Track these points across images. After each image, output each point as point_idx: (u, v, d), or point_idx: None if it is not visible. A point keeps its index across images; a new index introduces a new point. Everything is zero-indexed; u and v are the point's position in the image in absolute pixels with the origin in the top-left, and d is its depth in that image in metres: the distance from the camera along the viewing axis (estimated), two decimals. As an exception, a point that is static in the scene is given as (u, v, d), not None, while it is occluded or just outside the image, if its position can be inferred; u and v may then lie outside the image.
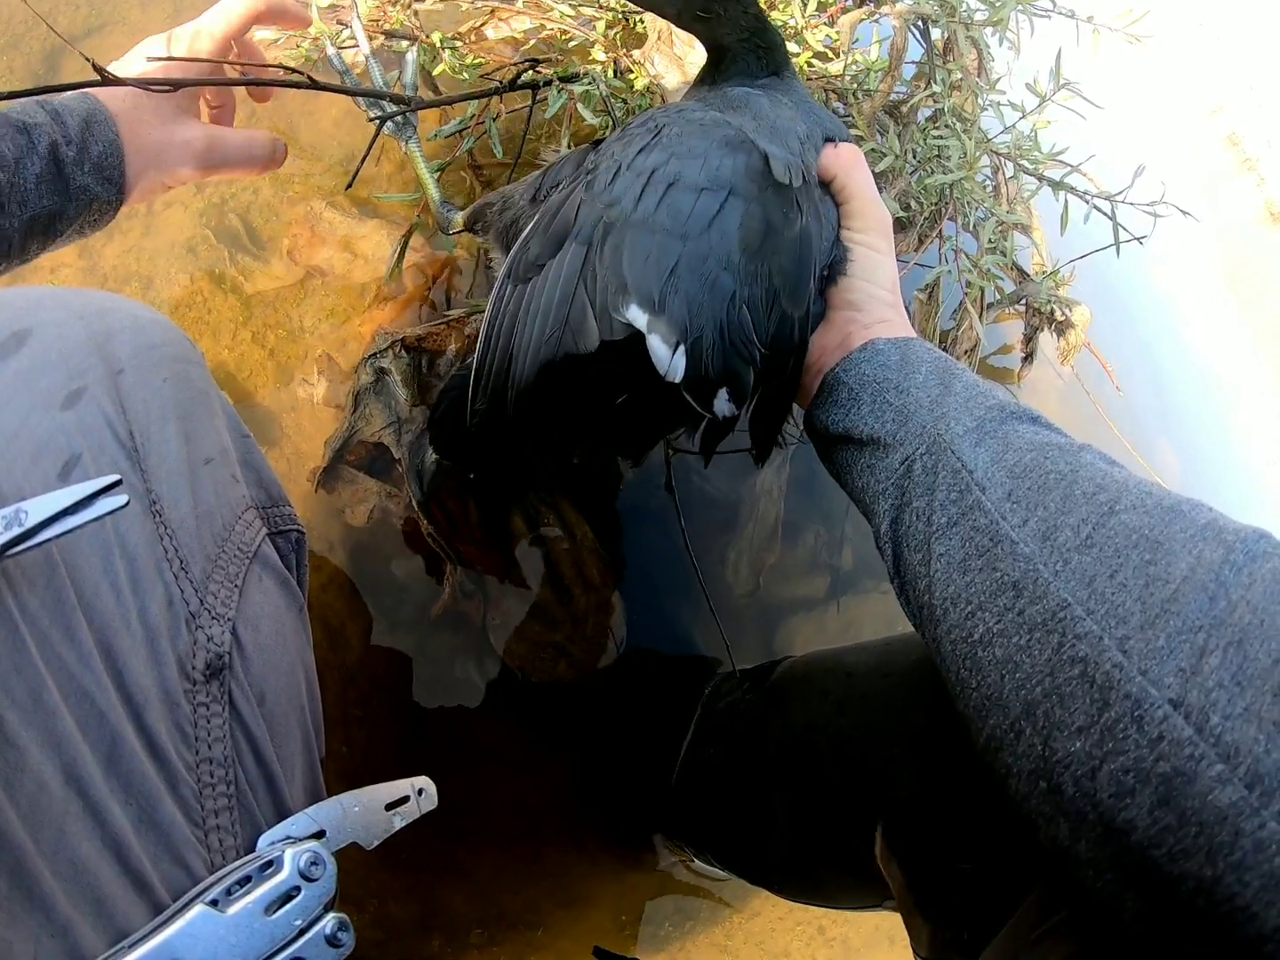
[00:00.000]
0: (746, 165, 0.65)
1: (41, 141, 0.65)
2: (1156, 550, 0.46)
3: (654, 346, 0.61)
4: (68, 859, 0.39)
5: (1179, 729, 0.40)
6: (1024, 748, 0.47)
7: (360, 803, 0.50)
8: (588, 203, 0.66)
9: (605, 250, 0.63)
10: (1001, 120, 1.36)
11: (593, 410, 0.67)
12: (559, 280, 0.65)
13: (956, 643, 0.53)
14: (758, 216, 0.64)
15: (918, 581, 0.58)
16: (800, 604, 1.38)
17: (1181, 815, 0.39)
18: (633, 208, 0.63)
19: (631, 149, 0.67)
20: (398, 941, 1.03)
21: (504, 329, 0.68)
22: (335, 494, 1.09)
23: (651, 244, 0.62)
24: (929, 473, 0.59)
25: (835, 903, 0.91)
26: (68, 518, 0.40)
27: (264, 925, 0.42)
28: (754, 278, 0.64)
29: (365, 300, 1.17)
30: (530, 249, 0.69)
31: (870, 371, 0.66)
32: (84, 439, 0.48)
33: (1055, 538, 0.50)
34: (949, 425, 0.60)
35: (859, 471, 0.65)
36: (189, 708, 0.45)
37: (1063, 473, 0.53)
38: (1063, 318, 1.54)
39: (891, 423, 0.63)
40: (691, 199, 0.63)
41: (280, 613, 0.54)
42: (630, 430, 0.72)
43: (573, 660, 1.14)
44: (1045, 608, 0.48)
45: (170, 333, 0.59)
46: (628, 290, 0.61)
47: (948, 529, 0.56)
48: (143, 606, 0.45)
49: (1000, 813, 0.63)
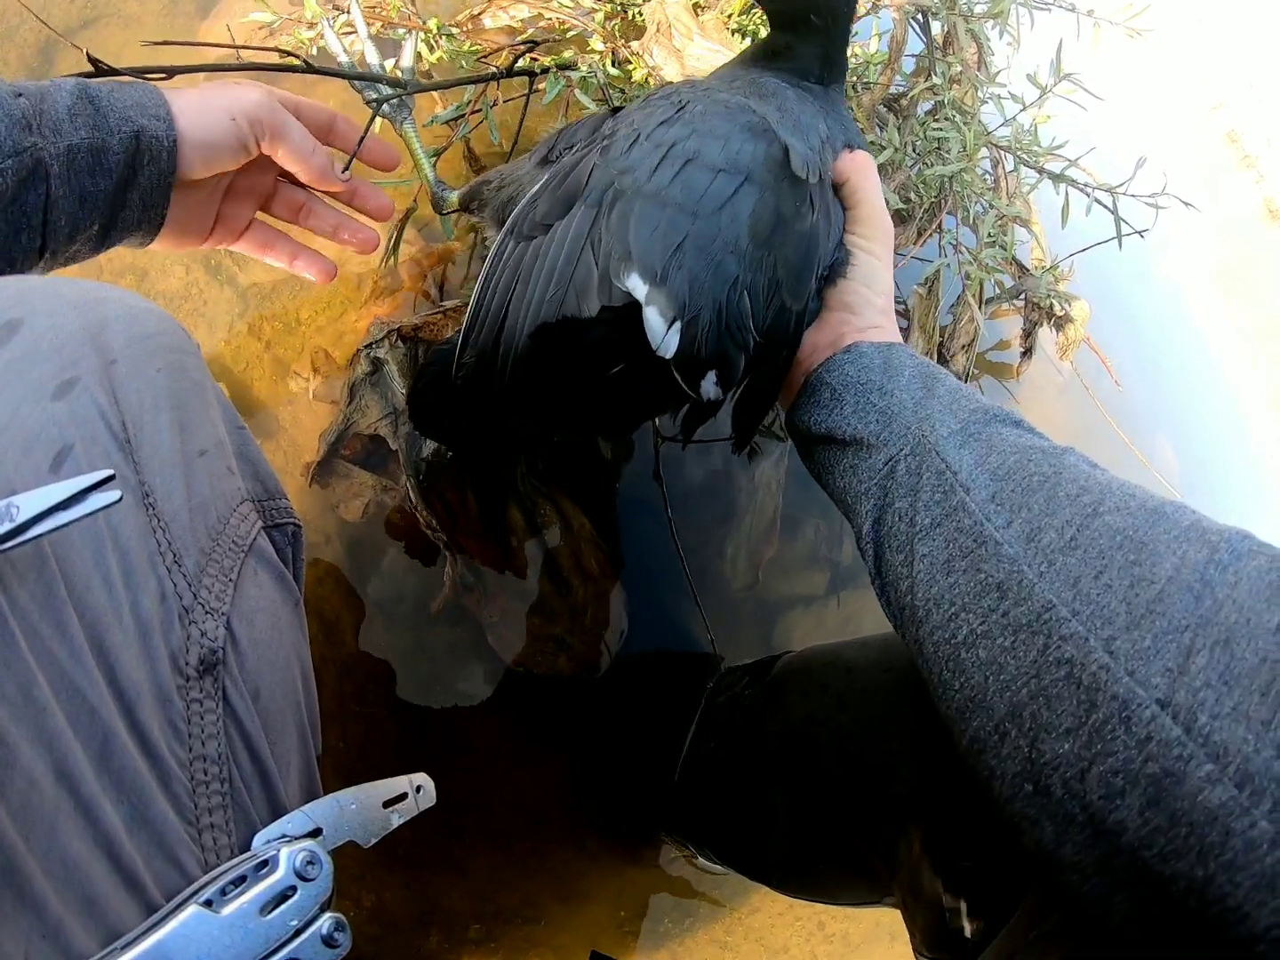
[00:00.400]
0: (766, 154, 0.65)
1: (67, 82, 0.65)
2: (1141, 551, 0.46)
3: (650, 318, 0.61)
4: (59, 858, 0.38)
5: (1167, 729, 0.40)
6: (1009, 750, 0.47)
7: (357, 800, 0.49)
8: (601, 168, 0.66)
9: (613, 216, 0.63)
10: (1002, 113, 1.35)
11: (587, 378, 0.67)
12: (565, 241, 0.65)
13: (939, 644, 0.53)
14: (771, 206, 0.64)
15: (900, 582, 0.58)
16: (799, 598, 1.37)
17: (1172, 816, 0.39)
18: (647, 178, 0.63)
19: (652, 120, 0.67)
20: (395, 937, 1.03)
21: (501, 284, 0.68)
22: (329, 489, 1.08)
23: (661, 216, 0.62)
24: (913, 474, 0.59)
25: (835, 899, 0.90)
26: (59, 513, 0.39)
27: (259, 926, 0.41)
28: (759, 266, 0.64)
29: (362, 294, 1.17)
30: (538, 207, 0.69)
31: (854, 373, 0.66)
32: (76, 430, 0.47)
33: (1040, 539, 0.50)
34: (933, 427, 0.60)
35: (841, 472, 0.66)
36: (182, 704, 0.45)
37: (1046, 475, 0.53)
38: (1062, 313, 1.53)
39: (875, 424, 0.63)
40: (708, 178, 0.63)
41: (276, 607, 0.54)
42: (619, 404, 0.72)
43: (573, 653, 1.14)
44: (1030, 609, 0.48)
45: (165, 323, 0.58)
46: (631, 258, 0.61)
47: (931, 530, 0.56)
48: (135, 601, 0.44)
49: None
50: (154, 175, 0.70)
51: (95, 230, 0.70)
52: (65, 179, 0.65)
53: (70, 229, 0.67)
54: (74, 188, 0.65)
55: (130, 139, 0.67)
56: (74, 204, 0.66)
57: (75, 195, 0.66)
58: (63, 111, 0.64)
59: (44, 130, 0.63)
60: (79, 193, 0.66)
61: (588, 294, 0.62)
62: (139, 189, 0.70)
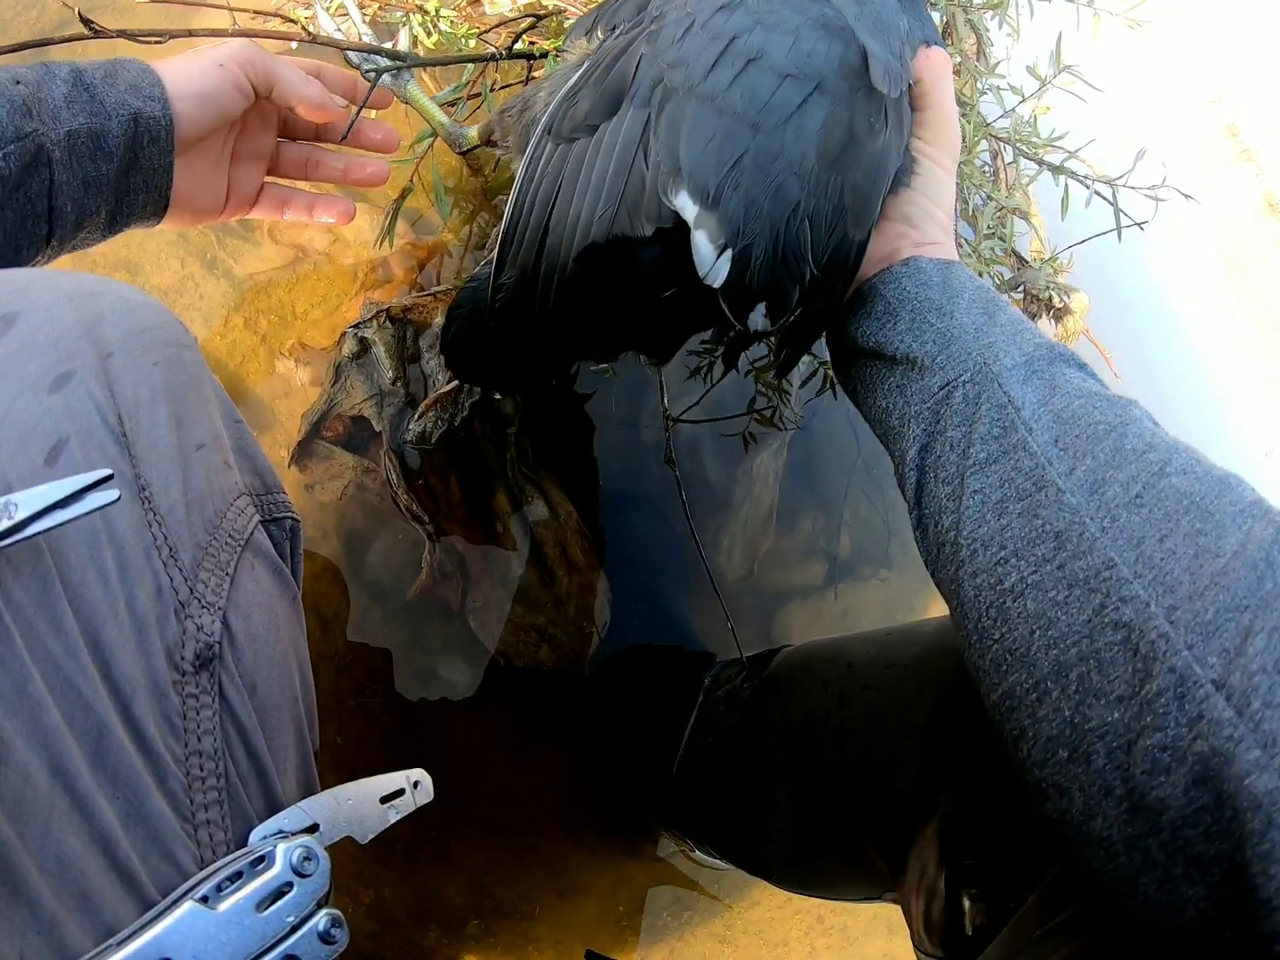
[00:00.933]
0: (842, 57, 0.57)
1: (61, 69, 0.64)
2: (1208, 520, 0.44)
3: (698, 243, 0.55)
4: (54, 854, 0.38)
5: (1220, 709, 0.38)
6: (1047, 711, 0.45)
7: (354, 796, 0.49)
8: (649, 59, 0.58)
9: (662, 120, 0.56)
10: (1001, 104, 1.35)
11: (639, 302, 0.61)
12: (614, 149, 0.58)
13: (981, 588, 0.50)
14: (843, 122, 0.57)
15: (942, 516, 0.55)
16: (796, 591, 1.37)
17: (1218, 796, 0.38)
18: (702, 77, 0.55)
19: (711, 1, 0.58)
20: (393, 933, 1.03)
21: (541, 194, 0.61)
22: (307, 470, 1.07)
23: (717, 126, 0.55)
24: (970, 403, 0.55)
25: (836, 894, 0.90)
26: (57, 511, 0.39)
27: (255, 922, 0.41)
28: (824, 190, 0.57)
29: (356, 285, 1.16)
30: (579, 103, 0.61)
31: (911, 289, 0.62)
32: (71, 423, 0.46)
33: (1104, 492, 0.47)
34: (996, 356, 0.56)
35: (886, 390, 0.61)
36: (178, 699, 0.44)
37: (1112, 424, 0.50)
38: (1061, 305, 1.52)
39: (932, 344, 0.59)
40: (773, 83, 0.55)
41: (273, 601, 0.53)
42: (669, 325, 0.66)
43: (555, 644, 1.13)
44: (1089, 564, 0.45)
45: (162, 316, 0.58)
46: (680, 174, 0.55)
47: (986, 465, 0.53)
48: (130, 595, 0.44)
49: (1007, 807, 0.62)
50: (154, 155, 0.70)
51: (103, 217, 0.70)
52: (67, 164, 0.65)
53: (77, 215, 0.67)
54: (76, 173, 0.65)
55: (129, 122, 0.67)
56: (78, 190, 0.66)
57: (79, 181, 0.66)
58: (59, 99, 0.64)
59: (43, 117, 0.63)
60: (82, 178, 0.66)
61: (641, 211, 0.56)
62: (141, 171, 0.70)
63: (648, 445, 1.23)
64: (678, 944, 1.18)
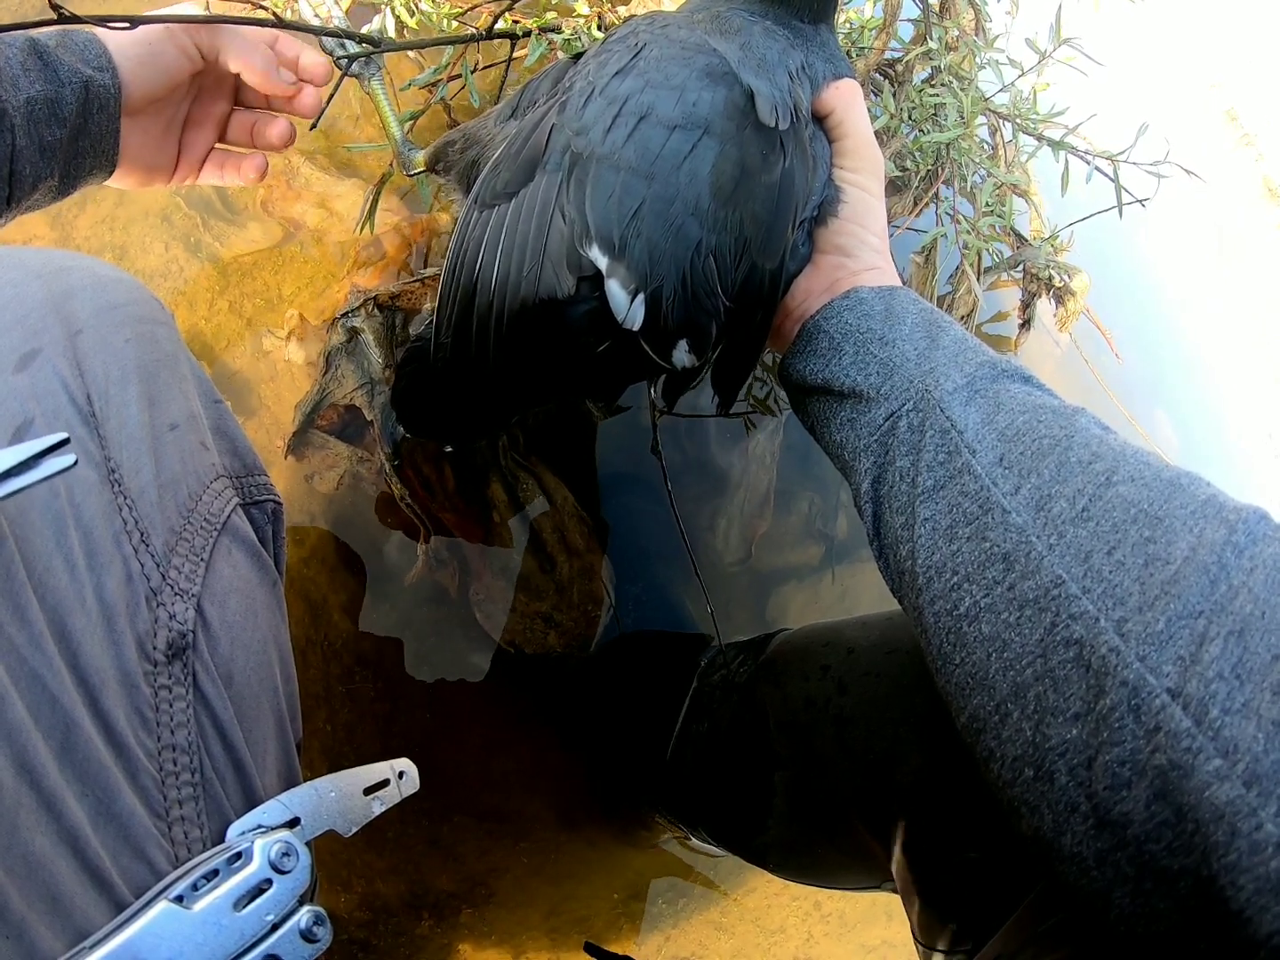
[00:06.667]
0: (726, 100, 0.61)
1: (17, 39, 0.66)
2: (1156, 527, 0.44)
3: (612, 291, 0.58)
4: (21, 855, 0.36)
5: (1177, 720, 0.38)
6: (1010, 732, 0.45)
7: (337, 788, 0.47)
8: (559, 128, 0.62)
9: (571, 183, 0.60)
10: (1000, 79, 1.33)
11: (574, 355, 0.64)
12: (534, 210, 0.61)
13: (940, 615, 0.51)
14: (733, 159, 0.60)
15: (899, 546, 0.55)
16: (793, 573, 1.36)
17: (1179, 810, 0.37)
18: (601, 139, 0.59)
19: (608, 70, 0.63)
20: (386, 922, 1.02)
21: (468, 258, 0.64)
22: (305, 460, 1.06)
23: (616, 181, 0.58)
24: (915, 431, 0.56)
25: (834, 883, 0.89)
26: (11, 479, 0.37)
27: (233, 922, 0.39)
28: (724, 226, 0.60)
29: (344, 266, 1.14)
30: (500, 174, 0.65)
31: (853, 321, 0.62)
32: (37, 403, 0.45)
33: (1050, 508, 0.47)
34: (938, 381, 0.56)
35: (838, 425, 0.62)
36: (149, 691, 0.42)
37: (1057, 438, 0.50)
38: (1061, 284, 1.51)
39: (876, 375, 0.59)
40: (663, 136, 0.59)
41: (251, 588, 0.51)
42: (607, 374, 0.69)
43: (562, 630, 1.12)
44: (1038, 583, 0.45)
45: (135, 292, 0.56)
46: (590, 231, 0.58)
47: (934, 492, 0.53)
48: (99, 583, 0.42)
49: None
50: (102, 122, 0.72)
51: (55, 180, 0.71)
52: (27, 130, 0.65)
53: (34, 178, 0.68)
54: (34, 138, 0.66)
55: (80, 89, 0.68)
56: (36, 154, 0.67)
57: (36, 146, 0.67)
58: (16, 67, 0.64)
59: (4, 84, 0.63)
60: (39, 143, 0.67)
61: (564, 264, 0.60)
62: (89, 136, 0.72)
63: (643, 428, 1.21)
64: (674, 932, 1.18)
